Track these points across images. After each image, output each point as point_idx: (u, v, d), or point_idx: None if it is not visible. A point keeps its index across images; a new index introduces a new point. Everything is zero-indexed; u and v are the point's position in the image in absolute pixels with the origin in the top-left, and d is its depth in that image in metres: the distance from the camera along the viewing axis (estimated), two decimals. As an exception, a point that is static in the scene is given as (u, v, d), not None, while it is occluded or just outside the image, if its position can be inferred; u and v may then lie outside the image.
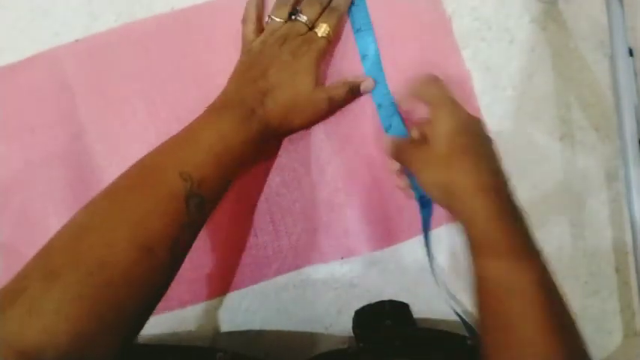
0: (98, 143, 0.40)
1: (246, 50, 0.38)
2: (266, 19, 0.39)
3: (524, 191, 0.40)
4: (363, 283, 0.41)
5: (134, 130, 0.40)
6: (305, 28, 0.38)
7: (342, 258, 0.40)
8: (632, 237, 0.39)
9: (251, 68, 0.36)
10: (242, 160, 0.33)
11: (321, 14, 0.38)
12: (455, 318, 0.41)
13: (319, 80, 0.37)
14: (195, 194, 0.29)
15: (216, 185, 0.32)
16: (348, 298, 0.40)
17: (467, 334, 0.37)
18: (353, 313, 0.40)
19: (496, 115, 0.40)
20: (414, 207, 0.40)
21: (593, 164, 0.41)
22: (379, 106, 0.40)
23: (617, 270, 0.41)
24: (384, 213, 0.40)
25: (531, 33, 0.41)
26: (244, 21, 0.39)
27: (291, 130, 0.39)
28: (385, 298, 0.40)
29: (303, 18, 0.37)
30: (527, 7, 0.41)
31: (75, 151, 0.40)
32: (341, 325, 0.40)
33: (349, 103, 0.40)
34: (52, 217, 0.40)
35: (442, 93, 0.33)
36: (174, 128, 0.40)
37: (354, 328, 0.39)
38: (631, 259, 0.41)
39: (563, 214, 0.41)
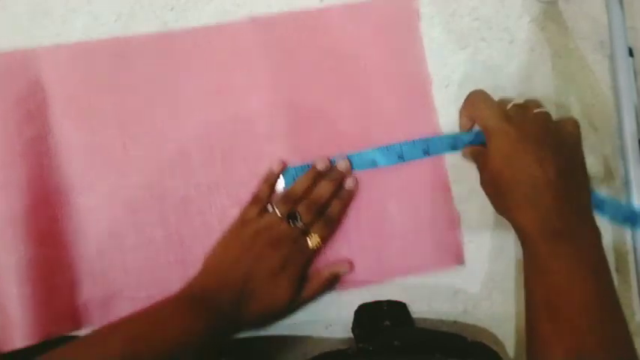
0: (63, 147, 0.40)
1: (240, 225, 0.38)
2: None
3: (524, 191, 0.40)
4: (363, 283, 0.41)
5: (101, 141, 0.40)
6: (298, 234, 0.37)
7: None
8: (632, 237, 0.39)
9: (237, 253, 0.36)
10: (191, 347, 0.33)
11: (315, 218, 0.38)
12: (454, 318, 0.41)
13: (296, 288, 0.37)
14: None
15: None
16: (348, 298, 0.40)
17: (465, 335, 0.37)
18: (353, 313, 0.40)
19: (496, 115, 0.40)
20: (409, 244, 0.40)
21: (593, 164, 0.41)
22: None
23: (617, 270, 0.41)
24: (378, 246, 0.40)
25: (531, 33, 0.41)
26: (255, 199, 0.39)
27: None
28: (385, 298, 0.40)
29: (300, 224, 0.37)
30: (527, 7, 0.41)
31: (38, 152, 0.40)
32: (341, 325, 0.40)
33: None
34: (6, 220, 0.38)
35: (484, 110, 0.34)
36: (144, 144, 0.40)
37: (353, 328, 0.39)
38: (631, 259, 0.41)
39: (563, 214, 0.41)
